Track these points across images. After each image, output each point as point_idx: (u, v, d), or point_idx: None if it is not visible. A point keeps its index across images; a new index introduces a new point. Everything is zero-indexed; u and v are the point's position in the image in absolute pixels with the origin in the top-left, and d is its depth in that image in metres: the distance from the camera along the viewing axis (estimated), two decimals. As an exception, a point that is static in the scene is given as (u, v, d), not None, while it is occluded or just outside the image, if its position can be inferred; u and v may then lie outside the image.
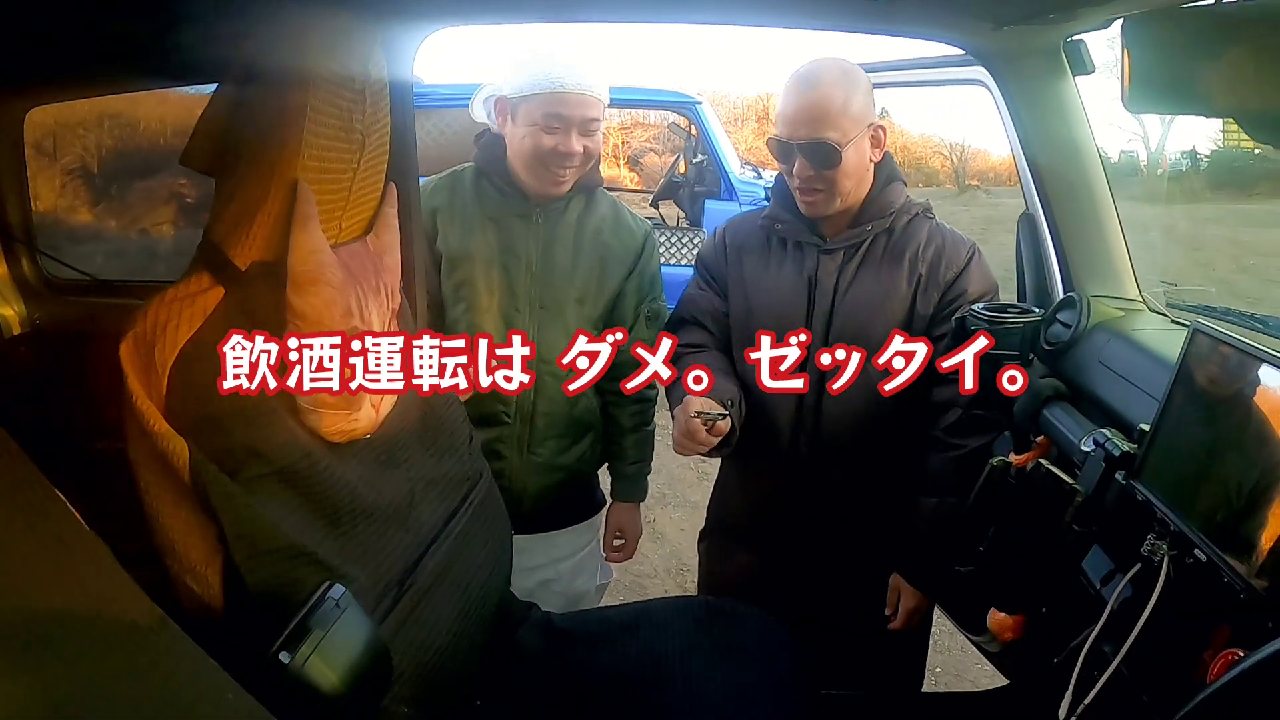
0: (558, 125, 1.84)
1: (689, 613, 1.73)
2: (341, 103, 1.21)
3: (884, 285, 1.85)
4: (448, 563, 1.46)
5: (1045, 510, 1.28)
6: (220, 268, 1.18)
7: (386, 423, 1.41)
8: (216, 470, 1.10)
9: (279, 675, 1.00)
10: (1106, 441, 1.30)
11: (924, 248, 1.86)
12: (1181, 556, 1.13)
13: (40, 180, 2.58)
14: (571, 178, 1.92)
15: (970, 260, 1.87)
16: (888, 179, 1.88)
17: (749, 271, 1.94)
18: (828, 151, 1.75)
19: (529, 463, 2.02)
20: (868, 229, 1.85)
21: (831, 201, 1.81)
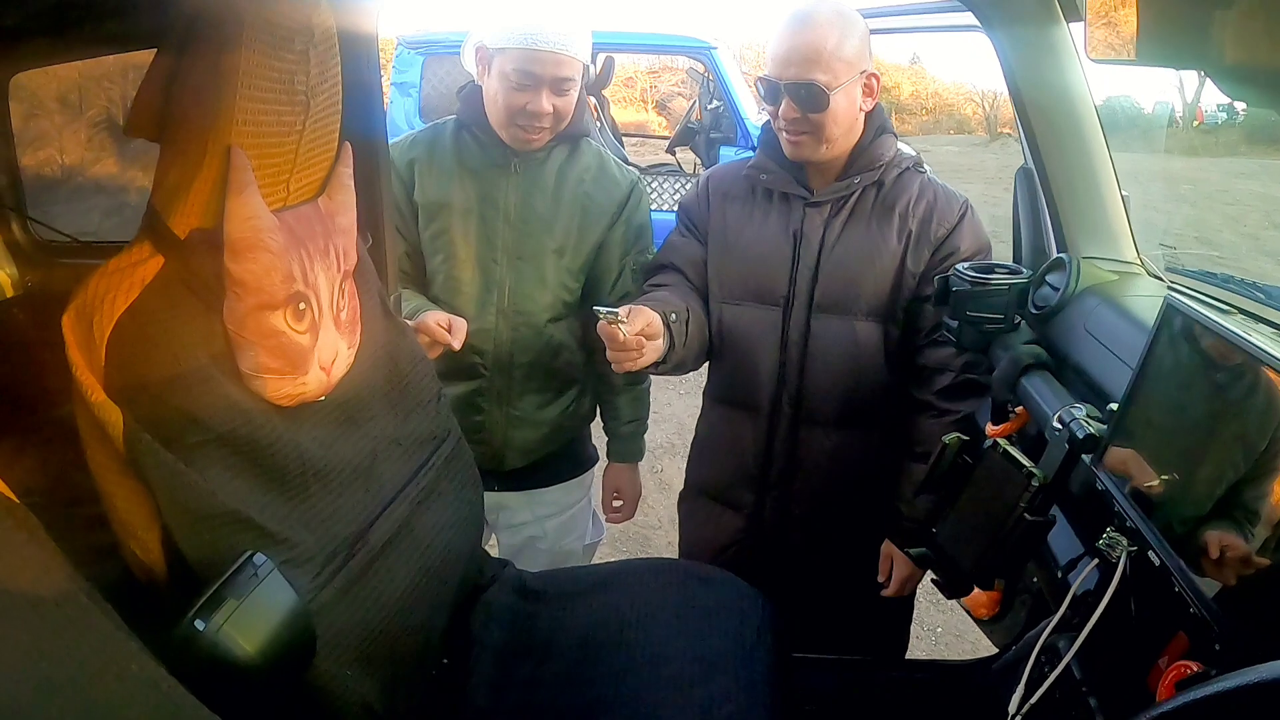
0: (529, 83, 1.81)
1: (661, 575, 1.72)
2: (280, 65, 1.18)
3: (873, 241, 1.80)
4: (406, 522, 1.47)
5: (1000, 494, 1.22)
6: (161, 236, 1.17)
7: (346, 383, 1.40)
8: (150, 439, 1.10)
9: (193, 643, 1.01)
10: (1073, 421, 1.23)
11: (915, 203, 1.81)
12: (1141, 554, 1.06)
13: (66, 134, 2.60)
14: (543, 136, 1.89)
15: (963, 217, 1.81)
16: (878, 130, 1.82)
17: (731, 221, 1.90)
18: (815, 93, 1.69)
19: (509, 417, 2.02)
20: (856, 181, 1.80)
21: (817, 147, 1.76)
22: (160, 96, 1.17)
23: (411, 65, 6.70)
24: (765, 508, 1.96)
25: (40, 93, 2.52)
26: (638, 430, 2.22)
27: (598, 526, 2.39)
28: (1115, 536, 1.09)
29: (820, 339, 1.83)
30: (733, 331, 1.89)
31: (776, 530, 1.96)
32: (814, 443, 1.88)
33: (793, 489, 1.92)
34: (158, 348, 1.13)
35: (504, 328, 1.96)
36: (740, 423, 1.94)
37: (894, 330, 1.84)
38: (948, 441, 1.35)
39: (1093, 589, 1.15)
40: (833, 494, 1.91)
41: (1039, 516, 1.19)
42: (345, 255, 1.38)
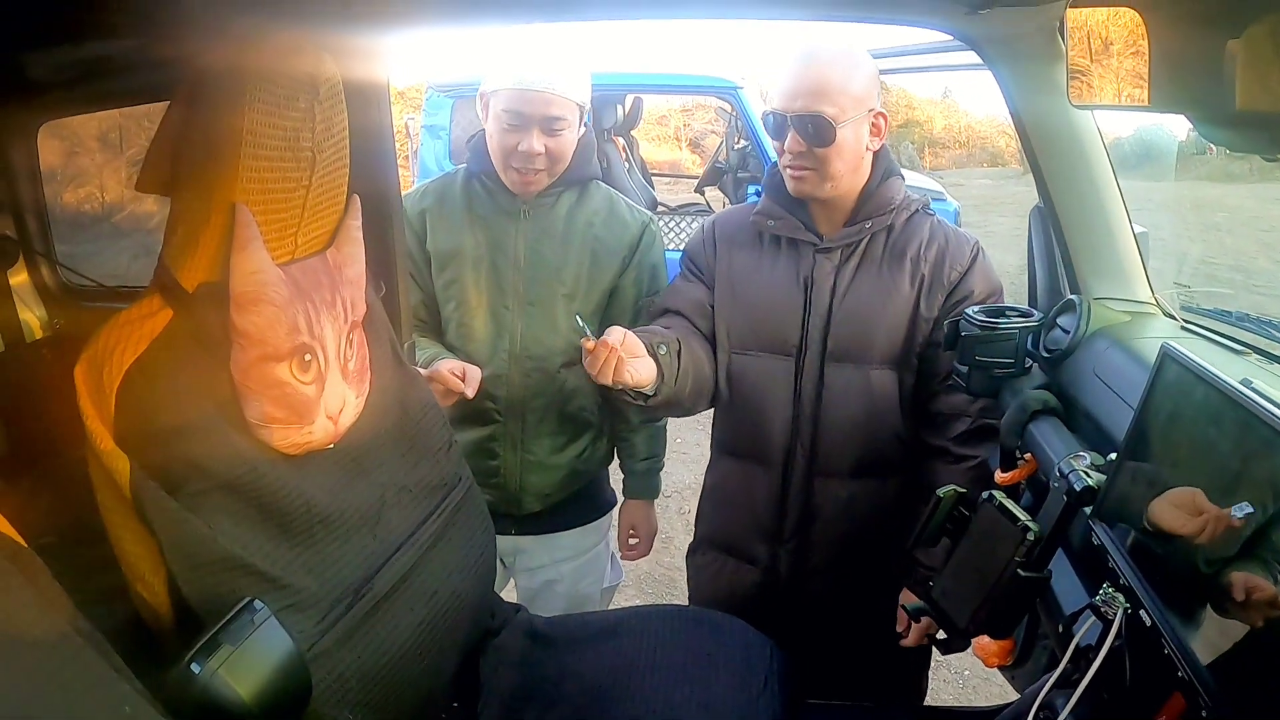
0: (519, 123, 1.85)
1: (670, 621, 1.72)
2: (285, 123, 1.22)
3: (885, 287, 1.78)
4: (413, 568, 1.48)
5: (995, 548, 1.20)
6: (169, 290, 1.21)
7: (354, 431, 1.43)
8: (155, 486, 1.14)
9: (188, 686, 1.03)
10: (1071, 472, 1.20)
11: (926, 247, 1.79)
12: (1135, 612, 1.04)
13: (107, 172, 2.67)
14: (541, 178, 1.92)
15: (974, 260, 1.80)
16: (885, 173, 1.80)
17: (738, 269, 1.87)
18: (821, 125, 1.68)
19: (524, 461, 2.03)
20: (867, 226, 1.78)
21: (821, 184, 1.74)
22: (169, 153, 1.22)
23: (441, 108, 6.80)
24: (780, 561, 1.92)
25: (81, 131, 2.59)
26: (653, 467, 2.22)
27: (616, 570, 2.39)
28: (1112, 593, 1.07)
29: (834, 388, 1.81)
30: (743, 381, 1.87)
31: (792, 583, 1.92)
32: (829, 493, 1.85)
33: (809, 541, 1.89)
34: (165, 398, 1.16)
35: (516, 373, 1.98)
36: (752, 474, 1.90)
37: (909, 377, 1.81)
38: (942, 495, 1.33)
39: (1094, 644, 1.13)
40: (849, 544, 1.87)
41: (1034, 571, 1.17)
42: (353, 306, 1.40)
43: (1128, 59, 1.04)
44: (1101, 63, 1.08)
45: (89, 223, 2.68)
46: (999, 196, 13.52)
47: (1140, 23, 1.01)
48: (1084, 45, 1.10)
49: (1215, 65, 1.00)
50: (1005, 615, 1.20)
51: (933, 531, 1.31)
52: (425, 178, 1.98)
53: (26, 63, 1.78)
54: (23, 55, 1.68)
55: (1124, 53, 1.04)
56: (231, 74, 1.17)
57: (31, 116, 2.23)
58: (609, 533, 2.30)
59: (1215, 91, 0.98)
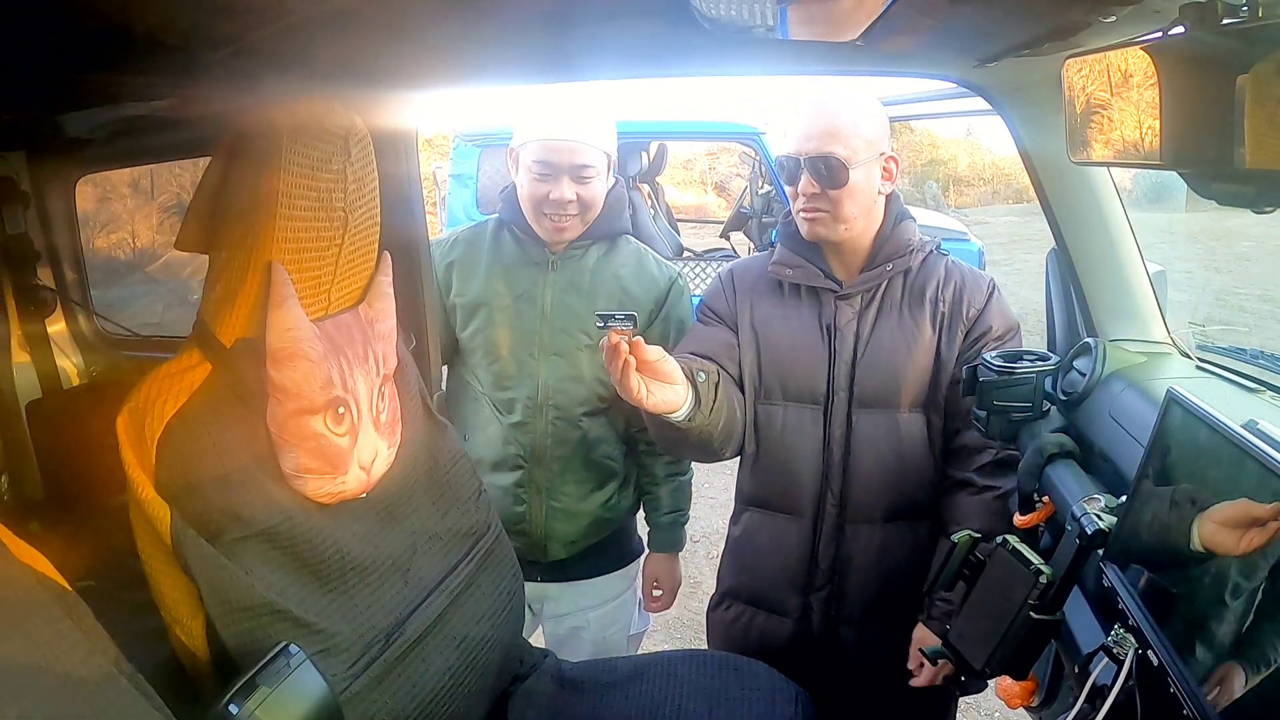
0: (548, 172, 1.91)
1: (696, 665, 1.74)
2: (319, 184, 1.28)
3: (908, 330, 1.80)
4: (443, 613, 1.52)
5: (1008, 591, 1.22)
6: (208, 344, 1.27)
7: (386, 480, 1.48)
8: (195, 534, 1.19)
9: (226, 728, 1.07)
10: (1084, 515, 1.21)
11: (943, 286, 1.81)
12: (1145, 652, 1.04)
13: (138, 218, 2.76)
14: (574, 224, 1.97)
15: (991, 296, 1.82)
16: (898, 216, 1.83)
17: (760, 319, 1.87)
18: (835, 167, 1.70)
19: (550, 508, 2.06)
20: (887, 269, 1.79)
21: (834, 226, 1.76)
22: (207, 213, 1.28)
23: (468, 157, 6.90)
24: (813, 610, 1.89)
25: (113, 177, 2.69)
26: (678, 520, 2.24)
27: (643, 617, 2.39)
28: (1122, 634, 1.08)
29: (863, 435, 1.80)
30: (769, 432, 1.85)
31: (825, 632, 1.89)
32: (861, 540, 1.84)
33: (842, 589, 1.87)
34: (204, 449, 1.22)
35: (541, 421, 2.02)
36: (782, 525, 1.88)
37: (937, 419, 1.82)
38: (957, 540, 1.34)
39: (1108, 684, 1.14)
40: (883, 590, 1.85)
41: (1047, 615, 1.19)
42: (385, 360, 1.46)
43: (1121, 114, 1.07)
44: (1094, 120, 1.11)
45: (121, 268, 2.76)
46: (1025, 233, 13.48)
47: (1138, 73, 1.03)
48: (1076, 103, 1.13)
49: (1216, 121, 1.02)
50: (1019, 657, 1.22)
51: (949, 575, 1.32)
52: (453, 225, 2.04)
53: (65, 120, 1.86)
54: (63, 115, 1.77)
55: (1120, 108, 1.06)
56: (266, 137, 1.23)
57: (69, 171, 2.34)
58: (636, 580, 2.31)
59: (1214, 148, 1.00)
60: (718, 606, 2.05)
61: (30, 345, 2.37)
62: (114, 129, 2.01)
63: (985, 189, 19.18)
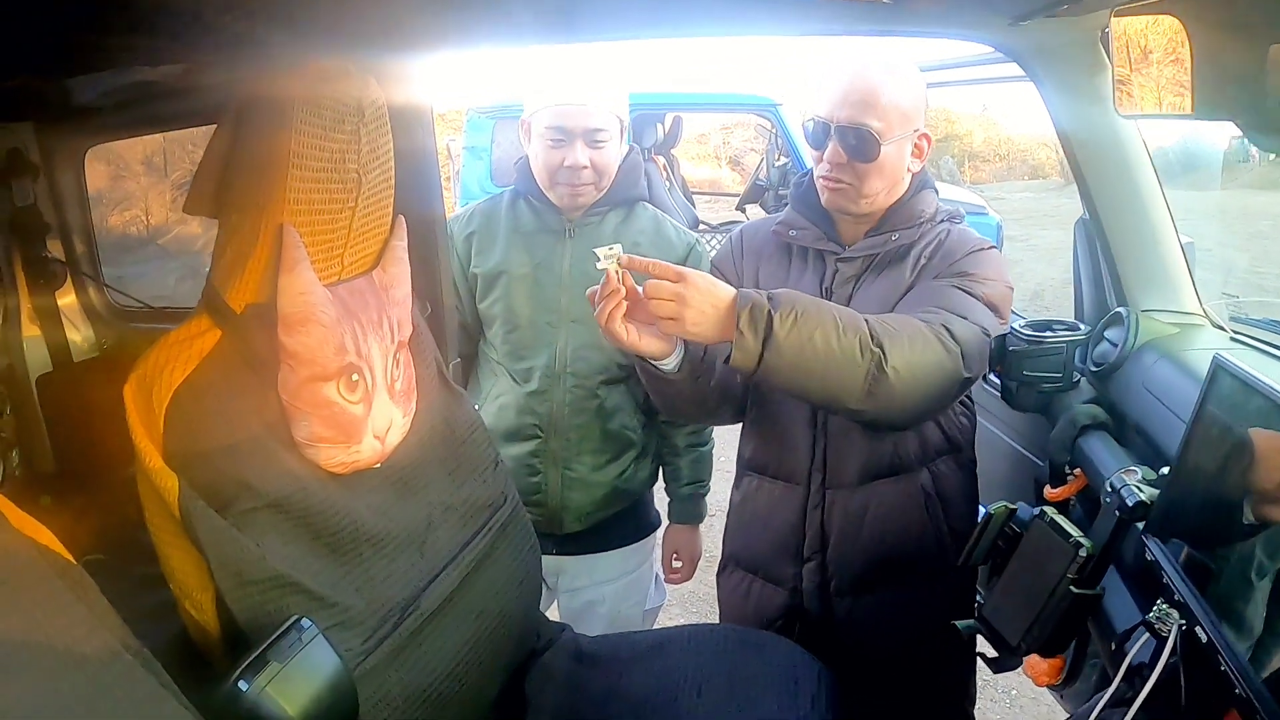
0: (561, 138, 1.89)
1: (716, 640, 1.71)
2: (331, 145, 1.24)
3: (887, 288, 1.70)
4: (459, 586, 1.49)
5: (1047, 565, 1.18)
6: (218, 310, 1.23)
7: (401, 450, 1.44)
8: (203, 505, 1.15)
9: (236, 703, 1.04)
10: (1123, 487, 1.17)
11: (928, 245, 1.71)
12: (1190, 628, 1.01)
13: (152, 195, 2.73)
14: (588, 191, 1.94)
15: (974, 250, 1.69)
16: (920, 185, 1.74)
17: (764, 281, 1.81)
18: (866, 140, 1.61)
19: (565, 479, 2.04)
20: (893, 238, 1.70)
21: (855, 200, 1.67)
22: (217, 176, 1.25)
23: (482, 130, 6.85)
24: (803, 580, 1.83)
25: (126, 155, 2.67)
26: (698, 492, 2.21)
27: (660, 591, 2.37)
28: (1166, 610, 1.04)
29: None
30: (768, 398, 1.81)
31: (818, 603, 1.84)
32: (839, 505, 1.77)
33: (827, 558, 1.81)
34: (213, 417, 1.18)
35: (558, 390, 1.99)
36: (775, 492, 1.84)
37: None
38: (993, 511, 1.30)
39: (1148, 661, 1.10)
40: (865, 557, 1.78)
41: (1087, 589, 1.15)
42: (400, 326, 1.42)
43: (1169, 67, 1.02)
44: (1143, 71, 1.06)
45: (135, 245, 2.73)
46: (1040, 209, 13.36)
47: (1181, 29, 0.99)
48: (1126, 55, 1.09)
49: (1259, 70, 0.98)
50: (1057, 633, 1.18)
51: (984, 548, 1.29)
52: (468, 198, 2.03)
53: (73, 88, 1.82)
54: (69, 80, 1.72)
55: (1165, 61, 1.02)
56: (278, 98, 1.19)
57: (78, 141, 2.30)
58: (653, 554, 2.29)
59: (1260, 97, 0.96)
60: (722, 571, 2.03)
61: (40, 318, 2.34)
62: (123, 97, 1.97)
63: (1001, 165, 19.01)
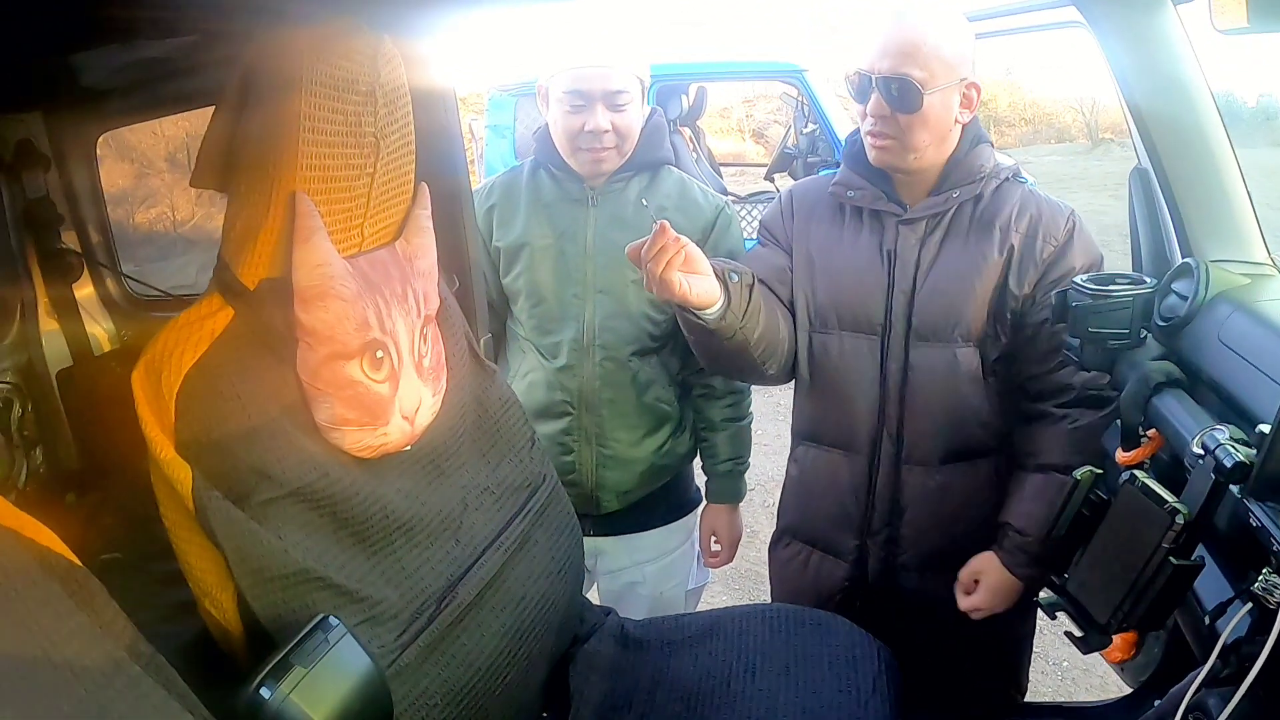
0: (581, 102, 1.82)
1: (770, 621, 1.63)
2: (346, 106, 1.15)
3: (972, 258, 1.66)
4: (498, 573, 1.41)
5: (1139, 534, 1.08)
6: (230, 288, 1.15)
7: (432, 431, 1.36)
8: (219, 496, 1.07)
9: (258, 712, 0.96)
10: (1218, 447, 1.07)
11: (1017, 217, 1.67)
12: None
13: (177, 191, 2.68)
14: (611, 156, 1.87)
15: (1072, 232, 1.67)
16: (974, 140, 1.68)
17: (817, 243, 1.76)
18: (908, 90, 1.55)
19: (600, 456, 1.97)
20: (954, 196, 1.66)
21: (903, 154, 1.62)
22: (224, 146, 1.16)
23: (504, 108, 6.83)
24: (869, 554, 1.81)
25: (150, 153, 2.62)
26: (736, 469, 2.12)
27: (702, 571, 2.29)
28: (1274, 579, 0.96)
29: (920, 369, 1.70)
30: (825, 362, 1.76)
31: (882, 577, 1.82)
32: (918, 483, 1.74)
33: (898, 533, 1.78)
34: (227, 402, 1.10)
35: (588, 363, 1.92)
36: (837, 463, 1.80)
37: (991, 353, 1.70)
38: (1079, 476, 1.20)
39: (1245, 637, 1.00)
40: (941, 537, 1.76)
41: (1185, 559, 1.05)
42: (426, 300, 1.33)
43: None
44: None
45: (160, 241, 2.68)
46: (1069, 173, 13.14)
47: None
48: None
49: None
50: (1153, 609, 1.08)
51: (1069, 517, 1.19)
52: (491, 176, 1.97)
53: (80, 72, 1.76)
54: (74, 61, 1.66)
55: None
56: (285, 60, 1.10)
57: (89, 128, 2.23)
58: (694, 532, 2.21)
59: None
60: (777, 543, 1.99)
61: (58, 311, 2.27)
62: (131, 77, 1.90)
63: (1027, 129, 18.70)
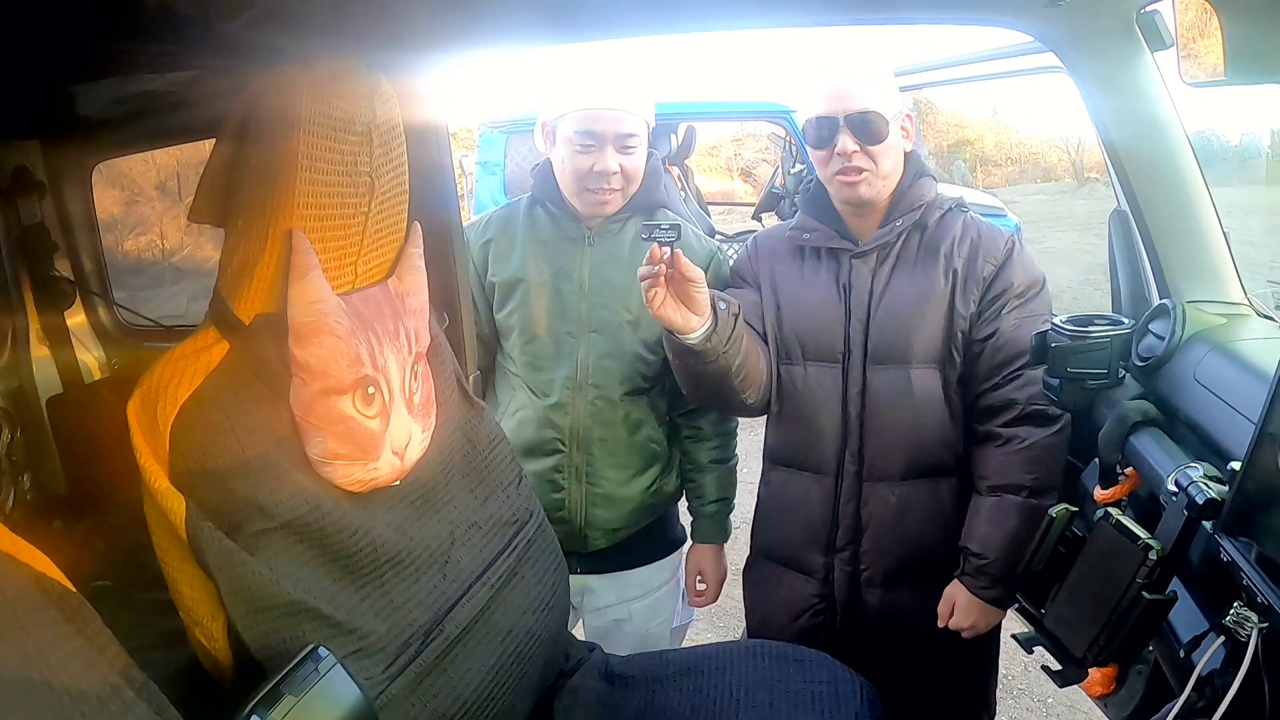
0: (591, 143, 1.83)
1: (754, 657, 1.64)
2: (342, 147, 1.18)
3: (920, 284, 1.76)
4: (485, 608, 1.43)
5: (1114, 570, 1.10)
6: (226, 322, 1.17)
7: (421, 466, 1.38)
8: (211, 527, 1.09)
9: (249, 741, 0.97)
10: (1190, 484, 1.10)
11: (959, 242, 1.76)
12: (1275, 631, 0.94)
13: (167, 220, 2.69)
14: (616, 198, 1.89)
15: (1011, 251, 1.75)
16: (917, 173, 1.79)
17: (781, 282, 1.87)
18: (877, 123, 1.68)
19: (590, 494, 1.97)
20: (898, 225, 1.76)
21: (875, 183, 1.73)
22: (222, 182, 1.19)
23: (495, 144, 6.85)
24: (834, 570, 1.86)
25: (140, 180, 2.62)
26: (723, 510, 2.13)
27: (687, 608, 2.29)
28: (1244, 612, 0.97)
29: (878, 391, 1.78)
30: (790, 392, 1.84)
31: (848, 594, 1.86)
32: (879, 498, 1.81)
33: (863, 549, 1.84)
34: (222, 434, 1.12)
35: (580, 402, 1.93)
36: (805, 484, 1.86)
37: (952, 373, 1.78)
38: (1055, 514, 1.23)
39: (1220, 669, 1.02)
40: (902, 551, 1.82)
41: (1158, 594, 1.07)
42: (417, 337, 1.36)
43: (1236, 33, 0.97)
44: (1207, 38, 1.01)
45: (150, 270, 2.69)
46: (1055, 212, 13.28)
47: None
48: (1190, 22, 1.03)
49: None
50: (1127, 642, 1.10)
51: (1045, 552, 1.21)
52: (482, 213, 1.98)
53: (78, 99, 1.78)
54: (73, 91, 1.68)
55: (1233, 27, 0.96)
56: (285, 97, 1.13)
57: (85, 156, 2.26)
58: (679, 570, 2.21)
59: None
60: (751, 567, 2.05)
61: (49, 338, 2.29)
62: (129, 109, 1.92)
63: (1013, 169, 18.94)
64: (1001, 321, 1.71)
